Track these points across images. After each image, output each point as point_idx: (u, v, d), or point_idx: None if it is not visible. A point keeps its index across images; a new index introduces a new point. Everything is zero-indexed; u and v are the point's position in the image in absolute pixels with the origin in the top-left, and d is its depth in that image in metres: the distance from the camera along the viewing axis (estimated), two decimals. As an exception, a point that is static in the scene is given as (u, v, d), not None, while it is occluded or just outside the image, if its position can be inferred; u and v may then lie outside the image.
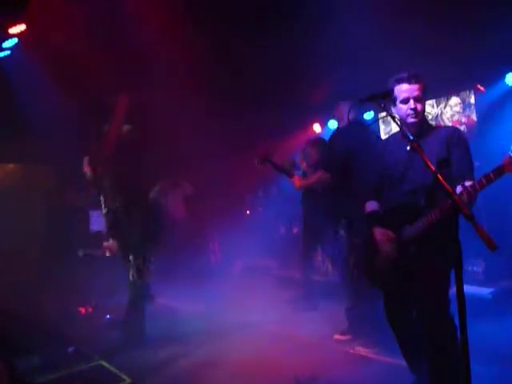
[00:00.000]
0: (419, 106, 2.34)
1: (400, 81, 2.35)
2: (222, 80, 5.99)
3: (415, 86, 2.32)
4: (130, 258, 4.10)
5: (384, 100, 2.12)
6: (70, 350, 3.88)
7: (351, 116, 3.76)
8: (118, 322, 4.36)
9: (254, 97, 6.72)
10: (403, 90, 2.33)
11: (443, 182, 1.76)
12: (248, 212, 7.97)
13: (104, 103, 6.48)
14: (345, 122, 3.94)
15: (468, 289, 2.98)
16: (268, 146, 6.49)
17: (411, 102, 2.33)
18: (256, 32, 5.14)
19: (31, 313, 5.09)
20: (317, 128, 7.94)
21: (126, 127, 6.11)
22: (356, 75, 5.19)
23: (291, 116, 7.35)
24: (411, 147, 2.04)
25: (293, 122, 7.63)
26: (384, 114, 2.12)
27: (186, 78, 5.57)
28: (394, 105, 2.40)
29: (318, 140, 4.89)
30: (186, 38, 4.90)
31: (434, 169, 1.84)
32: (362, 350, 3.57)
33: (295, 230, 6.80)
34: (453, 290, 1.77)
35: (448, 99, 6.40)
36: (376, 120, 6.58)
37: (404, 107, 2.35)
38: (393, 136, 2.72)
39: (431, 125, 2.55)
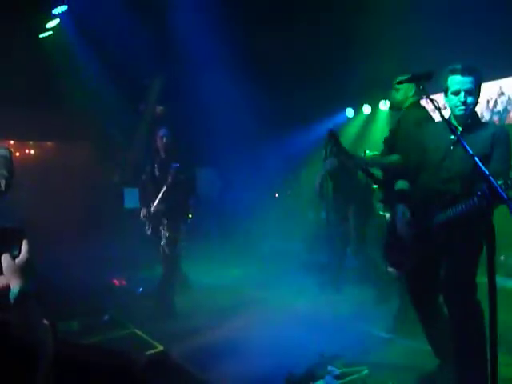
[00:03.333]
0: (469, 99, 2.31)
1: (453, 71, 2.33)
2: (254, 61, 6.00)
3: (468, 79, 2.29)
4: (162, 230, 4.27)
5: (425, 82, 2.08)
6: (106, 317, 4.11)
7: None
8: (150, 294, 4.57)
9: (285, 80, 6.68)
10: (455, 81, 2.32)
11: (481, 165, 1.76)
12: (277, 195, 8.03)
13: (141, 83, 6.64)
14: None
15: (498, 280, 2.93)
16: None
17: (462, 94, 2.31)
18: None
19: (71, 283, 5.36)
20: (349, 113, 7.84)
21: (159, 108, 6.18)
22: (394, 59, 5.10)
23: (324, 100, 7.27)
24: (455, 137, 2.02)
25: (326, 106, 7.55)
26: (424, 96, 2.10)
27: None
28: (446, 95, 2.39)
29: None
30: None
31: (471, 153, 1.83)
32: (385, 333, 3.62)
33: (323, 215, 6.81)
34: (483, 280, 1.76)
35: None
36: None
37: (454, 99, 2.34)
38: (438, 123, 2.69)
39: (480, 120, 2.51)
